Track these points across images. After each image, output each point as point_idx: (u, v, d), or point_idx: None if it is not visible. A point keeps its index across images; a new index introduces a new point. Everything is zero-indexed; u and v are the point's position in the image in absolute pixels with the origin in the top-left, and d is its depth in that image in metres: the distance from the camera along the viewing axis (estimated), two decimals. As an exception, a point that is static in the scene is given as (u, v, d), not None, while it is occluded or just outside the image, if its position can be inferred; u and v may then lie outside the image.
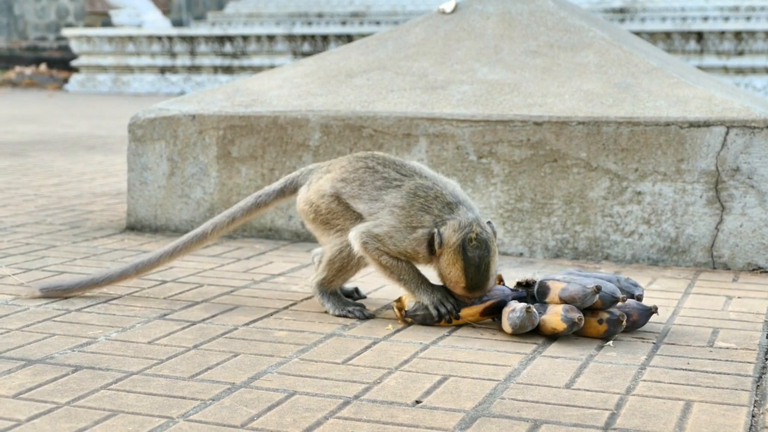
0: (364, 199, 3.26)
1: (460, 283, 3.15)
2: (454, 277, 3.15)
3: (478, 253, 3.13)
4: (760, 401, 2.56)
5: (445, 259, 3.15)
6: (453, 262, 3.13)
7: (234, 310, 3.39)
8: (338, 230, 3.31)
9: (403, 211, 3.20)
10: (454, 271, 3.14)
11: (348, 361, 2.84)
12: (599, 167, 4.26)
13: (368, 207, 3.25)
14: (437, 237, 3.14)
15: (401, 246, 3.19)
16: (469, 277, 3.13)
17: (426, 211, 3.19)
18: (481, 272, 3.14)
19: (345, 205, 3.29)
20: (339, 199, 3.30)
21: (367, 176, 3.29)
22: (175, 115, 4.78)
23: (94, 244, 4.46)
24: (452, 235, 3.13)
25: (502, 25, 5.03)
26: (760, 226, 4.12)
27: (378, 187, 3.26)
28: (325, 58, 5.17)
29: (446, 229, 3.15)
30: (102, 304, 3.42)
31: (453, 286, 3.17)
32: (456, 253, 3.12)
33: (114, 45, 19.65)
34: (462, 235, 3.13)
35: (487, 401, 2.52)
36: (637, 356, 2.93)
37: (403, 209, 3.20)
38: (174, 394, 2.52)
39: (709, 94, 4.35)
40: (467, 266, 3.12)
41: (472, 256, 3.12)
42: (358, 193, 3.27)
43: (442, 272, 3.18)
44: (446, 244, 3.14)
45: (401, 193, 3.22)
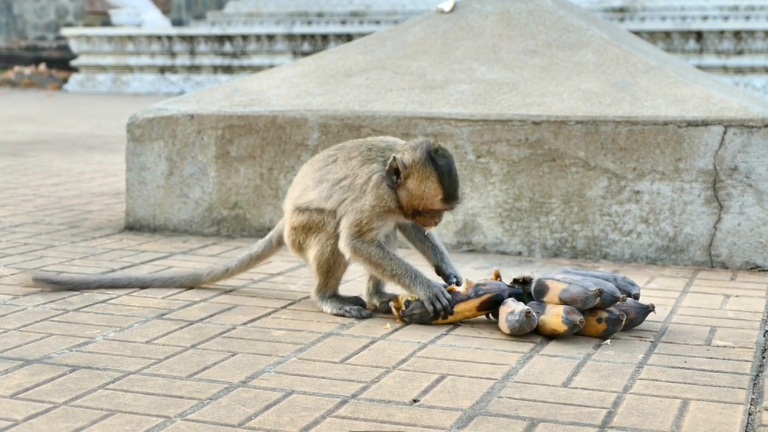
0: (313, 189, 3.32)
1: (437, 195, 3.14)
2: (430, 192, 3.14)
3: (446, 160, 3.15)
4: (757, 399, 2.56)
5: (415, 178, 3.15)
6: (425, 177, 3.13)
7: (232, 309, 3.39)
8: (313, 235, 3.34)
9: (347, 179, 3.25)
10: (428, 185, 3.13)
11: (346, 360, 2.84)
12: (597, 166, 4.27)
13: (319, 190, 3.30)
14: (399, 162, 3.15)
15: (371, 208, 3.20)
16: (446, 185, 3.14)
17: (367, 162, 3.23)
18: (453, 178, 3.16)
19: (305, 209, 3.34)
20: (299, 210, 3.35)
21: (309, 171, 3.36)
22: (173, 114, 4.79)
23: (93, 244, 4.46)
24: (413, 153, 3.16)
25: (500, 24, 5.04)
26: (757, 224, 4.13)
27: (318, 169, 3.33)
28: (324, 57, 5.17)
29: (403, 153, 3.17)
30: (100, 304, 3.42)
31: (429, 202, 3.16)
32: (426, 167, 3.13)
33: (113, 45, 19.65)
34: (425, 149, 3.15)
35: (484, 400, 2.52)
36: (634, 355, 2.93)
37: (346, 177, 3.25)
38: (171, 394, 2.52)
39: (707, 94, 4.35)
40: (441, 175, 3.13)
41: (443, 164, 3.14)
42: (305, 190, 3.34)
43: (413, 194, 3.16)
44: (411, 164, 3.15)
45: (338, 164, 3.28)
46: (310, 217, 3.33)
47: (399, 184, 3.18)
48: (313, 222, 3.32)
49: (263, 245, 3.58)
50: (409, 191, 3.17)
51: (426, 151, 3.15)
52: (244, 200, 4.68)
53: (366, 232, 3.21)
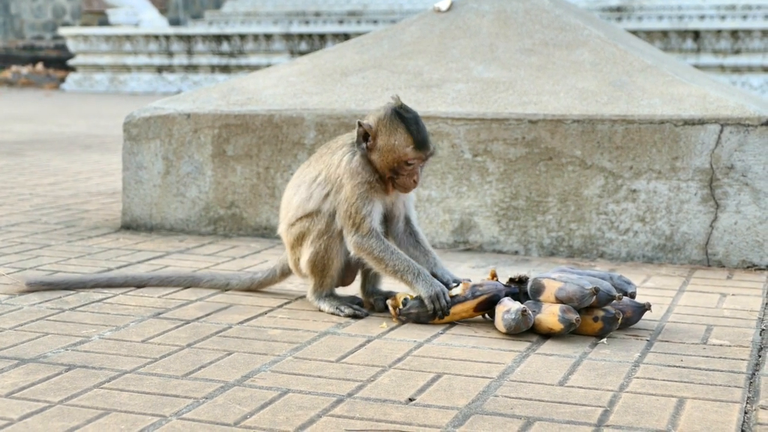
0: (292, 195, 3.40)
1: (408, 144, 3.20)
2: (401, 142, 3.20)
3: (411, 114, 3.23)
4: (753, 398, 2.56)
5: (384, 134, 3.22)
6: (393, 130, 3.21)
7: (228, 308, 3.39)
8: (305, 240, 3.36)
9: (323, 172, 3.32)
10: (397, 136, 3.20)
11: (342, 359, 2.84)
12: (594, 165, 4.26)
13: (298, 198, 3.37)
14: (365, 126, 3.23)
15: (352, 189, 3.24)
16: (414, 132, 3.21)
17: (336, 150, 3.33)
18: (421, 126, 3.23)
19: (297, 221, 3.38)
20: (291, 225, 3.40)
21: (289, 185, 3.45)
22: (170, 113, 4.78)
23: (89, 243, 4.45)
24: (378, 113, 3.25)
25: (497, 23, 5.03)
26: (754, 223, 4.13)
27: (295, 178, 3.42)
28: (321, 56, 5.17)
29: (368, 117, 3.27)
30: (96, 303, 3.42)
31: (402, 153, 3.21)
32: (392, 121, 3.21)
33: (111, 44, 19.64)
34: (389, 107, 3.24)
35: (480, 399, 2.52)
36: (630, 353, 2.93)
37: (320, 172, 3.33)
38: (167, 393, 2.52)
39: (704, 92, 4.35)
40: (409, 125, 3.21)
41: (409, 116, 3.22)
42: (288, 202, 3.41)
43: (384, 150, 3.23)
44: (378, 122, 3.23)
45: (311, 166, 3.38)
46: (301, 225, 3.36)
47: (370, 148, 3.25)
48: (304, 228, 3.35)
49: (267, 273, 3.61)
50: (380, 150, 3.23)
51: (390, 108, 3.24)
52: (240, 199, 4.67)
53: (360, 223, 3.23)
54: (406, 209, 3.40)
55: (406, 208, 3.40)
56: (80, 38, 19.79)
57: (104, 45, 19.66)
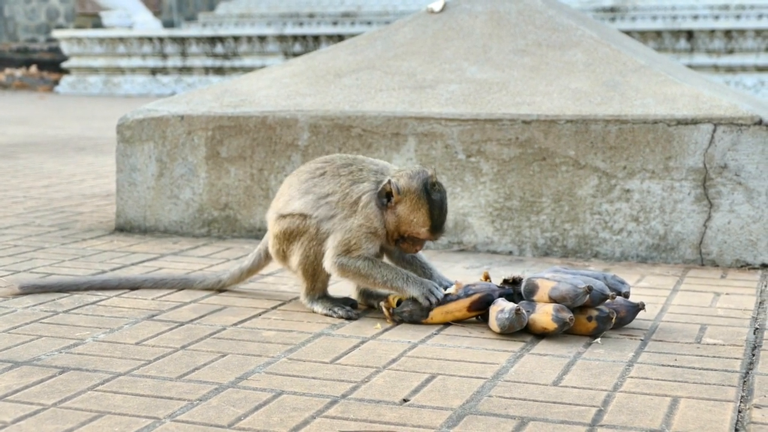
0: (297, 199, 3.35)
1: (425, 225, 3.22)
2: (419, 221, 3.21)
3: (440, 195, 3.24)
4: (747, 397, 2.57)
5: (407, 205, 3.21)
6: (417, 207, 3.21)
7: (222, 310, 3.38)
8: (296, 240, 3.35)
9: (335, 195, 3.29)
10: (418, 214, 3.21)
11: (336, 360, 2.84)
12: (588, 165, 4.27)
13: (304, 201, 3.33)
14: (392, 186, 3.21)
15: (359, 227, 3.23)
16: (435, 217, 3.22)
17: (358, 182, 3.28)
18: (443, 212, 3.24)
19: (288, 216, 3.36)
20: (282, 216, 3.37)
21: (294, 182, 3.40)
22: (163, 115, 4.78)
23: (83, 246, 4.45)
24: (410, 181, 3.23)
25: (490, 24, 5.04)
26: (747, 222, 4.13)
27: (304, 181, 3.36)
28: (314, 58, 5.17)
29: (399, 178, 3.24)
30: (90, 305, 3.41)
31: (416, 231, 3.23)
32: (420, 197, 3.21)
33: (105, 46, 19.62)
34: (422, 180, 3.23)
35: (474, 399, 2.52)
36: (624, 353, 2.93)
37: (334, 193, 3.29)
38: (161, 395, 2.52)
39: (697, 92, 4.36)
40: (432, 207, 3.21)
41: (436, 198, 3.23)
42: (290, 199, 3.37)
43: (401, 219, 3.23)
44: (406, 191, 3.22)
45: (326, 179, 3.32)
46: (292, 222, 3.34)
47: (389, 207, 3.24)
48: (295, 227, 3.33)
49: (253, 258, 3.60)
50: (398, 216, 3.24)
51: (423, 182, 3.22)
52: (234, 201, 4.67)
53: (353, 251, 3.24)
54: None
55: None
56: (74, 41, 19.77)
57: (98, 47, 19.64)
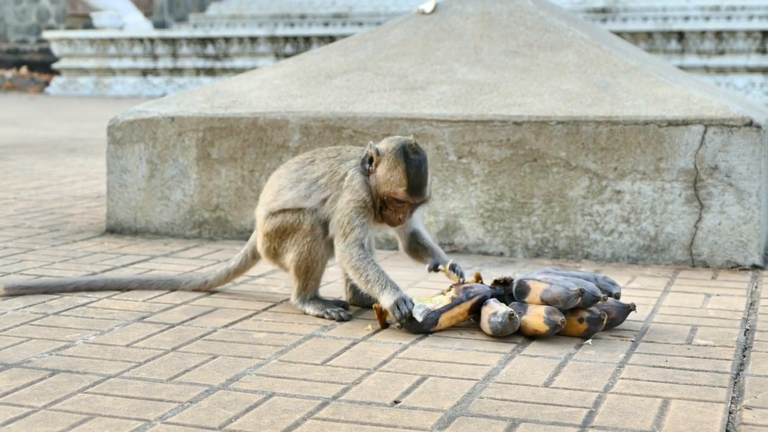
0: (288, 191, 3.36)
1: (402, 186, 3.21)
2: (395, 179, 3.21)
3: (418, 156, 3.23)
4: (738, 398, 2.57)
5: (385, 165, 3.24)
6: (394, 166, 3.22)
7: (213, 312, 3.38)
8: (288, 237, 3.36)
9: (325, 176, 3.32)
10: (395, 173, 3.21)
11: (327, 362, 2.84)
12: (579, 166, 4.27)
13: (295, 192, 3.34)
14: (373, 149, 3.25)
15: (347, 203, 3.25)
16: (411, 177, 3.21)
17: (344, 161, 3.33)
18: (421, 173, 3.23)
19: (279, 212, 3.37)
20: (273, 213, 3.38)
21: (283, 174, 3.42)
22: (154, 117, 4.77)
23: (73, 247, 4.44)
24: (389, 143, 3.27)
25: (481, 25, 5.04)
26: (738, 223, 4.13)
27: (294, 171, 3.38)
28: (305, 59, 5.16)
29: (381, 143, 3.29)
30: (80, 307, 3.41)
31: (393, 190, 3.22)
32: (397, 156, 3.22)
33: (95, 47, 19.60)
34: (401, 142, 3.26)
35: (465, 401, 2.52)
36: (615, 354, 2.93)
37: (324, 175, 3.32)
38: (151, 397, 2.51)
39: (688, 93, 4.36)
40: (409, 167, 3.21)
41: (413, 158, 3.22)
42: (278, 193, 3.38)
43: (380, 180, 3.24)
44: (384, 152, 3.25)
45: (316, 164, 3.36)
46: (284, 219, 3.34)
47: (370, 172, 3.26)
48: (287, 224, 3.33)
49: (240, 259, 3.60)
50: (377, 178, 3.25)
51: (401, 143, 3.25)
52: (225, 202, 4.67)
53: (349, 233, 3.23)
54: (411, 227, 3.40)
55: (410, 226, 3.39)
56: (65, 42, 19.74)
57: (89, 48, 19.61)
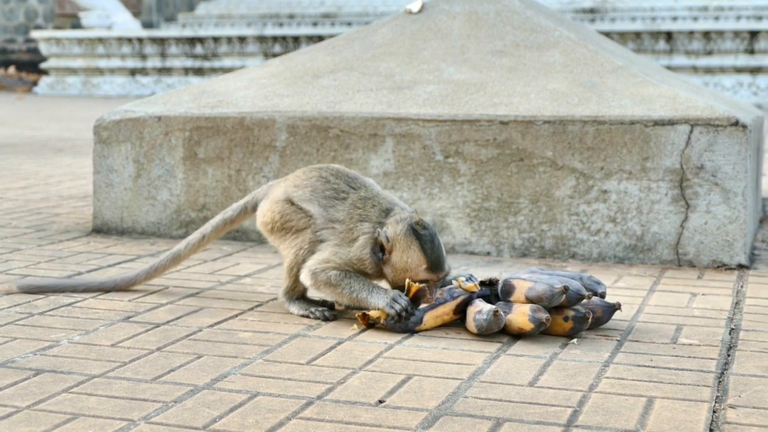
0: (315, 204, 3.32)
1: (421, 264, 3.17)
2: (414, 261, 3.16)
3: (428, 231, 3.19)
4: (722, 397, 2.57)
5: (399, 250, 3.18)
6: (407, 247, 3.17)
7: (199, 311, 3.38)
8: (293, 233, 3.35)
9: (343, 225, 3.27)
10: (411, 255, 3.16)
11: (312, 361, 2.83)
12: (565, 166, 4.27)
13: (320, 211, 3.31)
14: (382, 236, 3.18)
15: (347, 258, 3.22)
16: (428, 254, 3.16)
17: (365, 219, 3.26)
18: (437, 247, 3.18)
19: (298, 207, 3.34)
20: (292, 203, 3.35)
21: (318, 184, 3.35)
22: (140, 116, 4.76)
23: (60, 247, 4.43)
24: (396, 226, 3.20)
25: (468, 24, 5.04)
26: (724, 223, 4.14)
27: (327, 197, 3.32)
28: (292, 58, 5.16)
29: (388, 227, 3.21)
30: (65, 307, 3.40)
31: (414, 272, 3.18)
32: (408, 238, 3.17)
33: (83, 47, 19.57)
34: (407, 222, 3.20)
35: (450, 400, 2.52)
36: (600, 354, 2.93)
37: (343, 223, 3.27)
38: (136, 397, 2.51)
39: (674, 93, 4.37)
40: (423, 244, 3.16)
41: (424, 234, 3.18)
42: (310, 198, 3.33)
43: (397, 267, 3.19)
44: (394, 237, 3.18)
45: (344, 206, 3.29)
46: (297, 214, 3.33)
47: (385, 261, 3.21)
48: (295, 219, 3.32)
49: (238, 210, 3.54)
50: (393, 265, 3.20)
51: (407, 223, 3.19)
52: (212, 202, 4.66)
53: (332, 264, 3.23)
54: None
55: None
56: (53, 41, 19.71)
57: (77, 48, 19.58)
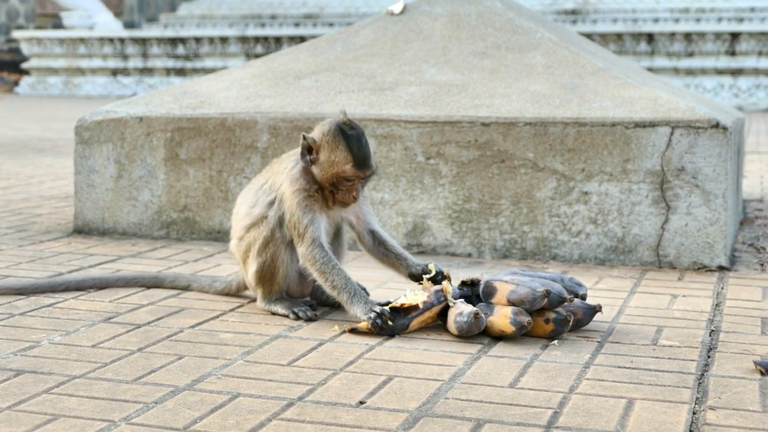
0: (240, 204, 3.45)
1: (347, 162, 3.21)
2: (340, 159, 3.21)
3: (355, 131, 3.24)
4: (702, 398, 2.58)
5: (326, 150, 3.24)
6: (335, 146, 3.22)
7: (180, 312, 3.37)
8: (251, 252, 3.38)
9: (268, 180, 3.37)
10: (338, 153, 3.22)
11: (293, 362, 2.83)
12: (546, 168, 4.28)
13: (246, 206, 3.41)
14: (309, 139, 3.25)
15: (291, 196, 3.26)
16: (355, 152, 3.21)
17: (285, 159, 3.37)
18: (363, 145, 3.23)
19: (245, 234, 3.41)
20: (240, 239, 3.43)
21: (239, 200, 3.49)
22: (122, 117, 4.76)
23: (41, 248, 4.42)
24: (322, 128, 3.27)
25: (450, 26, 5.05)
26: (704, 225, 4.16)
27: (246, 190, 3.47)
28: (274, 59, 5.16)
29: (314, 130, 3.29)
30: (46, 308, 3.39)
31: (341, 170, 3.22)
32: (335, 137, 3.23)
33: (65, 47, 19.50)
34: (334, 122, 3.26)
35: (431, 401, 2.52)
36: (581, 355, 2.94)
37: (267, 180, 3.38)
38: (116, 398, 2.50)
39: (655, 95, 4.38)
40: (350, 142, 3.22)
41: (352, 133, 3.23)
42: (237, 215, 3.46)
43: (325, 166, 3.24)
44: (321, 137, 3.25)
45: (262, 174, 3.44)
46: (248, 238, 3.39)
47: (313, 162, 3.26)
48: (250, 240, 3.37)
49: (224, 284, 3.62)
50: (321, 165, 3.25)
51: (335, 123, 3.25)
52: (193, 203, 4.65)
53: (303, 233, 3.25)
54: (366, 223, 3.39)
55: (366, 222, 3.39)
56: (34, 41, 19.64)
57: (58, 48, 19.52)
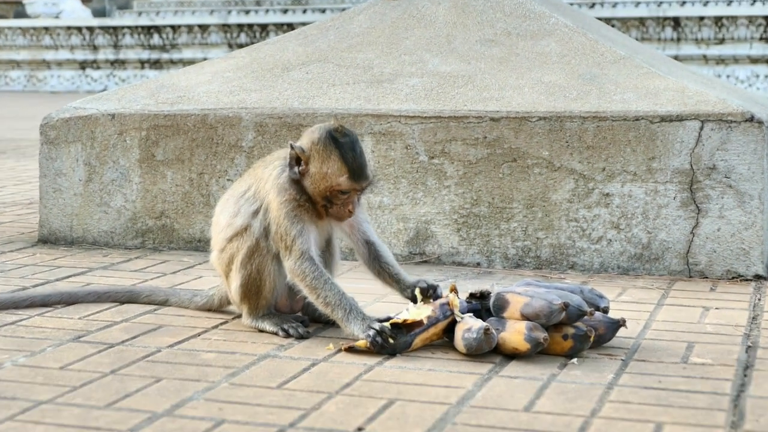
0: (219, 213, 3.45)
1: (342, 174, 3.19)
2: (333, 170, 3.19)
3: (349, 138, 3.22)
4: (738, 422, 2.58)
5: (317, 160, 3.22)
6: (326, 157, 3.20)
7: (157, 330, 3.37)
8: (233, 261, 3.38)
9: (251, 187, 3.35)
10: (331, 164, 3.19)
11: (283, 385, 2.83)
12: (563, 167, 4.28)
13: (227, 215, 3.40)
14: (297, 149, 3.23)
15: (278, 207, 3.25)
16: (349, 162, 3.19)
17: (270, 163, 3.35)
18: (358, 154, 3.21)
19: (226, 246, 3.41)
20: (221, 251, 3.43)
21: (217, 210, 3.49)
22: (92, 114, 4.76)
23: (2, 260, 4.42)
24: (312, 135, 3.25)
25: (454, 11, 5.05)
26: (739, 229, 4.16)
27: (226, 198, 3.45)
28: (260, 49, 5.16)
29: (302, 138, 3.27)
30: (9, 326, 3.39)
31: (335, 182, 3.20)
32: (327, 146, 3.21)
33: (28, 37, 19.53)
34: (325, 129, 3.24)
35: (437, 427, 2.52)
36: (603, 375, 2.94)
37: (250, 187, 3.36)
38: (88, 425, 2.50)
39: (682, 86, 4.39)
40: (343, 151, 3.20)
41: (344, 141, 3.21)
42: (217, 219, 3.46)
43: (317, 178, 3.22)
44: (311, 147, 3.23)
45: (243, 179, 3.43)
46: (231, 249, 3.39)
47: (303, 173, 3.24)
48: (233, 251, 3.37)
49: (206, 299, 3.63)
50: (312, 177, 3.23)
51: (326, 131, 3.23)
52: (171, 209, 4.65)
53: (291, 246, 3.24)
54: (361, 233, 3.38)
55: (361, 232, 3.38)
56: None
57: (21, 39, 19.54)
